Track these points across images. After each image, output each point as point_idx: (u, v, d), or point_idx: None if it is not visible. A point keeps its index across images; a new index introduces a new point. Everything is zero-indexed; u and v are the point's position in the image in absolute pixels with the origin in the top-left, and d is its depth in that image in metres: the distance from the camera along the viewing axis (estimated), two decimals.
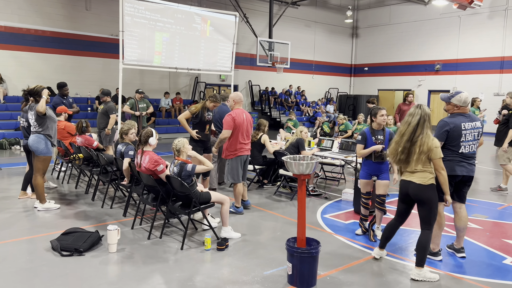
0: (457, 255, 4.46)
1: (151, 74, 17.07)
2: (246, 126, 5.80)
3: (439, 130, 4.17)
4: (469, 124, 4.15)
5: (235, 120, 5.66)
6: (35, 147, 5.62)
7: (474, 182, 8.05)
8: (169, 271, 3.92)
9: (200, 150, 6.20)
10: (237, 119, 5.67)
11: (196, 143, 6.23)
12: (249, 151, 5.94)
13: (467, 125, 4.14)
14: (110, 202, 6.13)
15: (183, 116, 6.24)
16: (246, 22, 19.07)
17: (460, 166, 4.15)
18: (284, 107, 20.85)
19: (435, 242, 4.29)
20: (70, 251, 4.24)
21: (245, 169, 5.90)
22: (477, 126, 4.19)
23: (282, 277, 3.81)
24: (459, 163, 4.15)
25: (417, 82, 23.00)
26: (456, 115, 4.20)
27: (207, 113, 6.30)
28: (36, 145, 5.61)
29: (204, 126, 6.33)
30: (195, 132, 6.26)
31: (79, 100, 15.31)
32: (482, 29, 20.29)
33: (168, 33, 10.11)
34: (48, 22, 14.65)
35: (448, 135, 4.12)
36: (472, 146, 4.18)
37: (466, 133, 4.13)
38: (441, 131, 4.15)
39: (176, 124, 16.68)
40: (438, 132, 4.17)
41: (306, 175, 3.74)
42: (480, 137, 4.26)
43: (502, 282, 3.83)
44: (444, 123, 4.17)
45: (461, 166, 4.15)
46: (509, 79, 19.62)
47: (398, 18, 23.55)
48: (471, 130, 4.16)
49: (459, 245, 4.48)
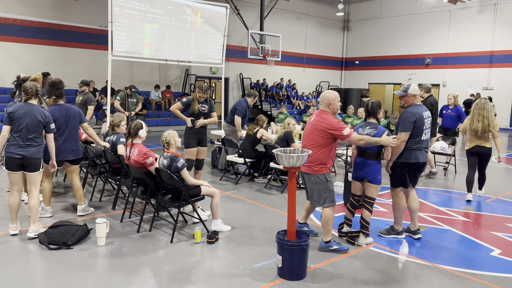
0: (414, 237, 4.74)
1: (140, 66, 16.89)
2: None
3: (406, 121, 4.42)
4: (425, 113, 4.51)
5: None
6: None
7: (461, 175, 8.14)
8: (159, 264, 3.90)
9: (194, 143, 6.01)
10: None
11: (190, 135, 6.00)
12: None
13: (425, 114, 4.49)
14: (99, 195, 6.07)
15: (175, 107, 6.06)
16: (237, 14, 18.93)
17: (421, 154, 4.52)
18: (275, 100, 20.81)
19: (399, 222, 4.71)
20: (57, 244, 4.19)
21: None
22: (429, 115, 4.58)
23: (272, 270, 3.81)
24: (420, 150, 4.51)
25: (407, 76, 23.10)
26: (416, 106, 4.53)
27: (199, 105, 6.02)
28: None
29: (197, 118, 6.04)
30: (189, 120, 5.97)
31: (68, 92, 15.02)
32: (472, 23, 20.42)
33: (158, 25, 9.98)
34: (35, 12, 14.38)
35: (414, 125, 4.41)
36: (428, 133, 4.55)
37: (426, 122, 4.47)
38: (409, 121, 4.41)
39: (166, 117, 16.58)
40: (405, 123, 4.42)
41: (297, 168, 3.74)
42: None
43: (490, 274, 3.88)
44: (410, 114, 4.42)
45: (422, 154, 4.52)
46: (498, 74, 19.81)
47: (389, 11, 23.59)
48: (428, 119, 4.52)
49: (414, 227, 4.76)
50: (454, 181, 7.94)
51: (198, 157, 6.15)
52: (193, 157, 6.05)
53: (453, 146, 8.57)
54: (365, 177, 4.48)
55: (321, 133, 4.11)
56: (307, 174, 4.22)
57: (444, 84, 21.54)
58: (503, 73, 19.63)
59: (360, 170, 4.49)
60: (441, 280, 3.72)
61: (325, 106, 4.24)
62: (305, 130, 4.33)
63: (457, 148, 8.92)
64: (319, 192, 4.19)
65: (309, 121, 4.32)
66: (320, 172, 4.16)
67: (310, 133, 4.21)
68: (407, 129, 4.40)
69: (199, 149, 6.11)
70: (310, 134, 4.21)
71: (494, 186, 7.54)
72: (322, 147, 4.12)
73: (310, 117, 4.33)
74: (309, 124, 4.29)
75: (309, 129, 4.24)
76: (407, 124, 4.41)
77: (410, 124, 4.40)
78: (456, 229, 5.12)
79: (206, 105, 6.08)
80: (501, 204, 6.35)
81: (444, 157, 9.44)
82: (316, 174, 4.16)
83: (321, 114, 4.21)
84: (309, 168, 4.17)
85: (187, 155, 6.02)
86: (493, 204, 6.33)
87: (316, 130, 4.14)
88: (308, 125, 4.29)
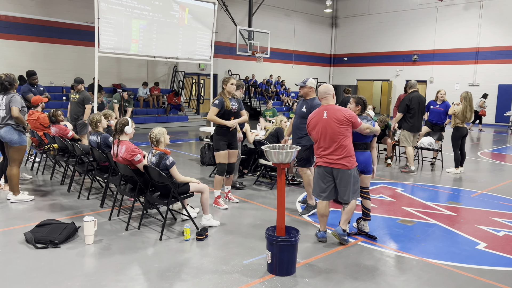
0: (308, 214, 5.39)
1: (128, 62, 16.73)
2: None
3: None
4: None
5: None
6: (9, 138, 5.46)
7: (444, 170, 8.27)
8: (148, 261, 3.88)
9: (224, 145, 5.51)
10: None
11: (220, 137, 5.48)
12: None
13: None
14: (87, 193, 6.01)
15: (212, 114, 5.38)
16: (225, 10, 18.85)
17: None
18: (264, 97, 20.81)
19: (312, 197, 5.41)
20: (45, 243, 4.14)
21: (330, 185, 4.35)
22: None
23: (262, 266, 3.82)
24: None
25: (395, 72, 23.30)
26: (315, 98, 5.21)
27: (230, 103, 5.46)
28: (10, 136, 5.45)
29: (228, 118, 5.49)
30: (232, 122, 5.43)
31: (54, 89, 14.91)
32: (458, 20, 20.65)
33: (145, 21, 9.89)
34: (20, 8, 14.13)
35: None
36: None
37: None
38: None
39: (155, 114, 16.47)
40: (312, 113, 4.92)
41: (286, 164, 3.74)
42: None
43: (475, 267, 3.94)
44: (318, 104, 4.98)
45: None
46: (483, 70, 20.09)
47: (377, 8, 23.72)
48: None
49: (312, 201, 5.48)
50: (441, 176, 8.05)
51: (230, 161, 5.67)
52: (224, 161, 5.53)
53: (440, 142, 8.68)
54: (361, 169, 4.51)
55: (344, 124, 4.15)
56: (345, 170, 4.19)
57: (431, 80, 21.77)
58: (488, 69, 19.92)
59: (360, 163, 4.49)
60: (428, 273, 3.77)
61: (330, 98, 4.31)
62: (320, 128, 4.22)
63: (444, 144, 9.03)
64: (354, 185, 4.27)
65: (319, 119, 4.24)
66: (355, 165, 4.25)
67: (333, 127, 4.15)
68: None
69: (230, 152, 5.63)
70: (334, 128, 4.15)
71: (480, 180, 7.66)
72: (349, 138, 4.20)
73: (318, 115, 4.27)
74: (324, 121, 4.20)
75: (329, 125, 4.17)
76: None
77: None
78: (442, 223, 5.19)
79: (236, 103, 5.58)
80: (486, 198, 6.46)
81: (431, 153, 9.56)
82: (352, 168, 4.22)
83: (332, 106, 4.25)
84: (348, 162, 4.18)
85: (218, 158, 5.53)
86: (479, 199, 6.43)
87: (339, 122, 4.15)
88: (323, 123, 4.20)
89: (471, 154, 10.63)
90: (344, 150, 4.16)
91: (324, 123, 4.21)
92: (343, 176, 4.21)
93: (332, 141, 4.18)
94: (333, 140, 4.17)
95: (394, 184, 7.22)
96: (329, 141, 4.19)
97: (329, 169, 4.25)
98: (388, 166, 8.81)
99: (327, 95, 4.33)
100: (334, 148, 4.18)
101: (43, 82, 13.15)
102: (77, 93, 7.99)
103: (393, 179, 7.66)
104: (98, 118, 5.73)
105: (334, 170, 4.23)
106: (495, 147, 12.44)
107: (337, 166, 4.18)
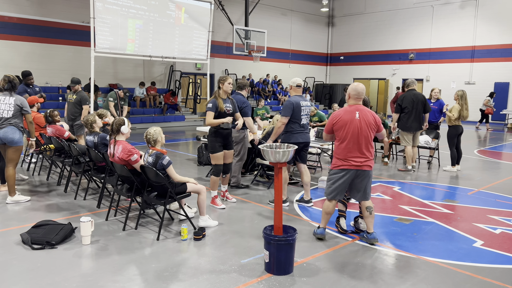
0: (307, 205, 5.69)
1: (124, 62, 16.68)
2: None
3: (286, 108, 5.40)
4: (303, 102, 5.48)
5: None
6: (11, 138, 5.49)
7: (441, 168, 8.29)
8: (145, 262, 3.87)
9: (220, 147, 5.43)
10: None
11: (216, 138, 5.39)
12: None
13: (302, 103, 5.46)
14: (84, 193, 5.99)
15: (210, 118, 5.26)
16: (221, 10, 18.83)
17: (301, 135, 5.48)
18: (261, 96, 20.80)
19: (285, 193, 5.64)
20: (41, 244, 4.12)
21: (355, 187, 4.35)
22: (308, 104, 5.59)
23: (259, 265, 3.81)
24: (301, 133, 5.48)
25: (391, 71, 23.34)
26: (295, 96, 5.50)
27: (224, 105, 5.35)
28: (12, 136, 5.50)
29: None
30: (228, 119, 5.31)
31: (50, 89, 14.85)
32: (454, 18, 20.70)
33: (141, 20, 9.87)
34: (14, 8, 14.06)
35: (293, 110, 5.36)
36: (306, 119, 5.55)
37: (303, 109, 5.44)
38: (288, 108, 5.39)
39: (151, 114, 16.44)
40: (285, 109, 5.40)
41: (283, 163, 3.74)
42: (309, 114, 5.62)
43: (472, 265, 3.96)
44: (289, 102, 5.42)
45: (302, 135, 5.49)
46: (479, 68, 20.16)
47: (373, 7, 23.76)
48: (306, 107, 5.50)
49: (307, 197, 5.72)
50: (438, 174, 8.07)
51: (225, 161, 5.64)
52: (220, 162, 5.49)
53: (436, 140, 8.70)
54: None
55: (373, 127, 4.21)
56: (368, 171, 4.23)
57: (427, 79, 21.82)
58: (484, 68, 19.99)
59: None
60: (425, 271, 3.78)
61: (361, 99, 4.29)
62: (351, 129, 4.13)
63: (440, 142, 9.05)
64: (370, 185, 4.35)
65: (351, 119, 4.14)
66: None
67: (364, 129, 4.14)
68: (287, 113, 5.36)
69: (226, 152, 5.58)
70: (365, 130, 4.15)
71: (476, 178, 7.69)
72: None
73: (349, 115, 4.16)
74: (356, 122, 4.13)
75: (361, 126, 4.13)
76: (286, 110, 5.37)
77: (289, 110, 5.36)
78: (439, 221, 5.21)
79: (230, 105, 5.46)
80: (483, 196, 6.48)
81: (428, 151, 9.58)
82: (372, 169, 4.28)
83: (364, 108, 4.24)
84: (372, 163, 4.26)
85: (214, 160, 5.46)
86: (475, 196, 6.45)
87: (369, 125, 4.18)
88: (356, 123, 4.13)
89: (467, 152, 10.67)
90: (371, 152, 4.21)
91: (357, 124, 4.14)
92: (365, 177, 4.24)
93: (363, 143, 4.15)
94: (364, 142, 4.15)
95: (391, 183, 7.23)
96: (360, 143, 4.14)
97: (354, 172, 4.20)
98: (385, 165, 8.83)
99: (361, 96, 4.22)
100: (364, 151, 4.16)
101: (39, 83, 13.09)
102: (74, 93, 7.97)
103: (390, 177, 7.68)
104: (92, 119, 5.71)
105: (360, 172, 4.20)
106: (491, 145, 12.48)
107: (364, 168, 4.18)
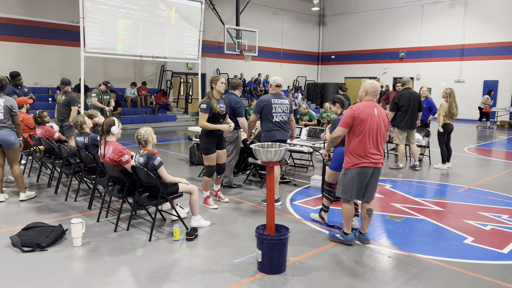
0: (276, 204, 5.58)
1: (115, 62, 16.57)
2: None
3: (255, 106, 5.50)
4: (275, 100, 5.48)
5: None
6: (7, 140, 5.57)
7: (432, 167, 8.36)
8: (137, 263, 3.84)
9: (213, 148, 5.38)
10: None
11: (209, 139, 5.32)
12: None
13: (274, 100, 5.47)
14: (74, 195, 5.94)
15: (203, 121, 5.18)
16: (212, 9, 18.78)
17: (278, 132, 5.48)
18: (253, 95, 20.80)
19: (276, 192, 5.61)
20: (31, 246, 4.07)
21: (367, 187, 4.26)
22: (285, 103, 5.55)
23: (252, 265, 3.81)
24: (278, 130, 5.49)
25: (382, 69, 23.48)
26: (268, 94, 5.58)
27: (218, 105, 5.25)
28: (9, 138, 5.58)
29: (217, 122, 5.33)
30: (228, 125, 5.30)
31: (40, 90, 14.70)
32: (444, 17, 20.89)
33: (131, 20, 9.81)
34: (2, 8, 13.89)
35: (262, 108, 5.44)
36: (283, 116, 5.52)
37: (276, 107, 5.45)
38: (256, 106, 5.51)
39: (142, 114, 16.34)
40: (255, 107, 5.50)
41: (275, 162, 3.74)
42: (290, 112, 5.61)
43: (463, 261, 3.99)
44: (259, 100, 5.52)
45: (279, 132, 5.49)
46: (469, 67, 20.36)
47: (364, 6, 23.87)
48: (279, 105, 5.48)
49: (276, 196, 5.65)
50: (428, 172, 8.13)
51: (219, 162, 5.60)
52: (213, 163, 5.44)
53: (427, 138, 8.77)
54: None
55: (387, 125, 4.20)
56: (380, 169, 4.21)
57: (418, 77, 21.99)
58: (473, 66, 20.20)
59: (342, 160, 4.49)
60: (417, 268, 3.81)
61: (377, 97, 4.23)
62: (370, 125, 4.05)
63: (430, 140, 9.12)
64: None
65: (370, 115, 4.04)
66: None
67: (381, 126, 4.12)
68: (257, 111, 5.47)
69: (219, 152, 5.54)
70: (382, 127, 4.13)
71: (466, 176, 7.76)
72: None
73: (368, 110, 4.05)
74: (375, 118, 4.07)
75: (379, 123, 4.10)
76: (255, 108, 5.49)
77: (258, 108, 5.45)
78: (431, 218, 5.25)
79: (223, 105, 5.36)
80: (473, 193, 6.54)
81: (419, 149, 9.65)
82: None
83: (378, 105, 4.20)
84: (382, 161, 4.22)
85: (207, 161, 5.41)
86: (466, 193, 6.51)
87: (385, 123, 4.18)
88: (376, 119, 4.07)
89: (457, 149, 10.76)
90: (383, 149, 4.21)
91: (376, 120, 4.09)
92: (377, 175, 4.23)
93: (380, 140, 4.13)
94: (381, 139, 4.15)
95: (382, 181, 7.27)
96: (377, 140, 4.11)
97: (371, 169, 4.13)
98: None
99: (378, 93, 4.22)
100: (380, 148, 4.16)
101: (28, 83, 12.95)
102: (63, 94, 7.89)
103: (381, 175, 7.71)
104: (82, 120, 5.65)
105: (376, 170, 4.17)
106: (481, 143, 12.61)
107: (379, 165, 4.17)
